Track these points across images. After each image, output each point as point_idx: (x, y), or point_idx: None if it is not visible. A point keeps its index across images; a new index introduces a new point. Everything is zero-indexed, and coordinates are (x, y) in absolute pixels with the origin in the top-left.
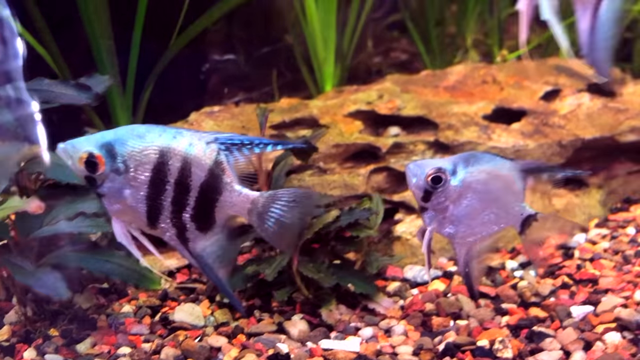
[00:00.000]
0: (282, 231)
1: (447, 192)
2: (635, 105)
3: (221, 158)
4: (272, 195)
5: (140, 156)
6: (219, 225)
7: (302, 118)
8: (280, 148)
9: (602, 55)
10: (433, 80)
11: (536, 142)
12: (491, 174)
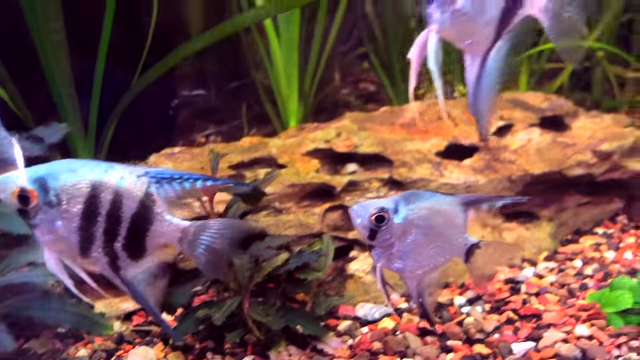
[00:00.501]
0: (212, 259)
1: (391, 230)
2: (583, 140)
3: (152, 190)
4: (203, 225)
5: (73, 190)
6: (151, 254)
7: (261, 158)
8: (210, 184)
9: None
10: (390, 118)
11: (487, 177)
12: (432, 210)
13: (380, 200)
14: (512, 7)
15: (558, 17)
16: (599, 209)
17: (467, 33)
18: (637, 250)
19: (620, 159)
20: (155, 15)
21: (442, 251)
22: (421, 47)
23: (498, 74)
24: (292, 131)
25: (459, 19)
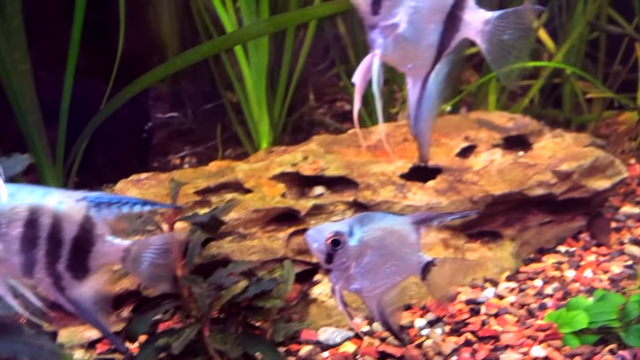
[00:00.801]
0: (156, 274)
1: (347, 253)
2: (544, 160)
3: (91, 213)
4: (144, 242)
5: (11, 214)
6: (95, 273)
7: (227, 182)
8: (148, 209)
9: (425, 128)
10: (357, 140)
11: (449, 199)
12: (385, 230)
13: (335, 223)
14: (450, 30)
15: (494, 39)
16: (562, 226)
17: (408, 57)
18: (597, 268)
19: (579, 178)
20: (122, 36)
21: (397, 270)
22: (365, 70)
23: (438, 95)
24: (262, 154)
25: (401, 44)
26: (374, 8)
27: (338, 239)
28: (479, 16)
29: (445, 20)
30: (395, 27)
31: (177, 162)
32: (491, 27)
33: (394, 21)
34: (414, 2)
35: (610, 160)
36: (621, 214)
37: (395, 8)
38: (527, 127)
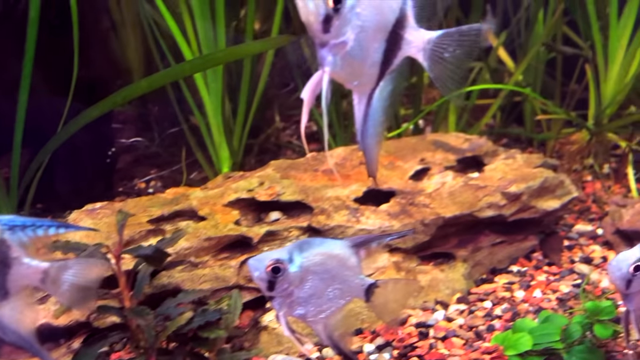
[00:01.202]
0: (77, 296)
1: (288, 279)
2: (494, 181)
3: (5, 237)
4: (63, 264)
5: None
6: (15, 295)
7: (181, 210)
8: (63, 231)
9: (372, 144)
10: (314, 164)
11: (401, 222)
12: (325, 255)
13: (275, 251)
14: (393, 49)
15: (435, 57)
16: (514, 246)
17: (355, 74)
18: (547, 288)
19: (529, 199)
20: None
21: (340, 293)
22: (314, 87)
23: (382, 112)
24: (219, 179)
25: (348, 61)
26: (325, 26)
27: (278, 266)
28: (420, 35)
29: (388, 39)
30: (344, 45)
31: (143, 186)
32: (432, 45)
33: (343, 39)
34: (360, 21)
35: (560, 180)
36: (574, 231)
37: (344, 27)
38: (482, 148)
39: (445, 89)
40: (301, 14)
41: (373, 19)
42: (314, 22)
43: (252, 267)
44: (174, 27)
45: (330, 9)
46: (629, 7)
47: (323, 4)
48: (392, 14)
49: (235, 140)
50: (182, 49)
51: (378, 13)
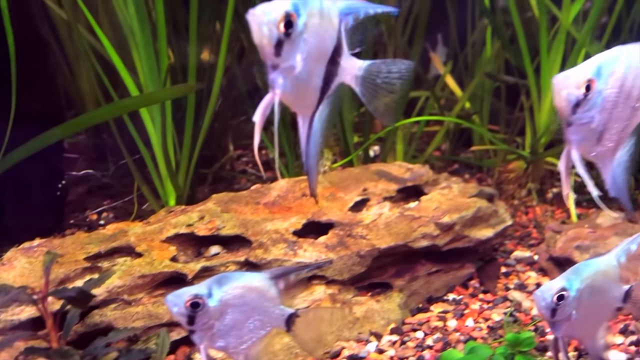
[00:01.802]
0: None
1: (208, 313)
2: (429, 212)
3: None
4: None
5: None
6: None
7: (119, 247)
8: None
9: (313, 164)
10: (256, 197)
11: (338, 254)
12: (244, 288)
13: (194, 287)
14: (331, 74)
15: (367, 84)
16: (450, 275)
17: (300, 97)
18: (479, 316)
19: (462, 229)
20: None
21: (261, 324)
22: (264, 109)
23: (321, 134)
24: (162, 213)
25: (296, 84)
26: (277, 50)
27: (197, 301)
28: (353, 63)
29: (327, 65)
30: (293, 69)
31: (95, 217)
32: (363, 73)
33: (292, 63)
34: (307, 46)
35: (494, 210)
36: (513, 258)
37: (293, 51)
38: (422, 178)
39: (378, 115)
40: (255, 38)
41: (317, 45)
42: (267, 46)
43: (170, 304)
44: (118, 61)
45: (282, 33)
46: (558, 41)
47: (275, 29)
48: (331, 41)
49: (182, 173)
50: (126, 82)
51: (321, 40)
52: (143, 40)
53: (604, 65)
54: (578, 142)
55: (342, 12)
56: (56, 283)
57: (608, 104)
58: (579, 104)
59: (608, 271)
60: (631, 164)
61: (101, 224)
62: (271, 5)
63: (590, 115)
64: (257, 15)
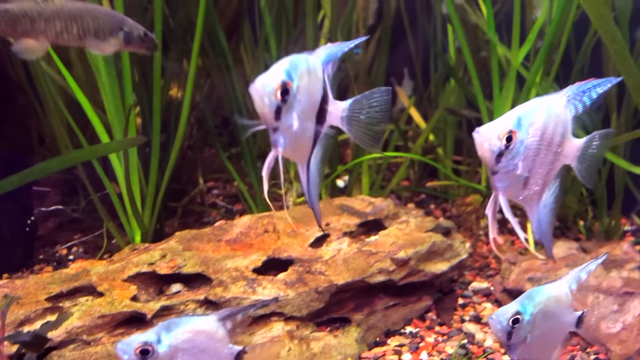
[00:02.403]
0: None
1: (158, 359)
2: (386, 247)
3: None
4: None
5: None
6: None
7: (81, 286)
8: None
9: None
10: (219, 234)
11: (296, 291)
12: (193, 331)
13: (143, 333)
14: (321, 121)
15: (353, 122)
16: (408, 308)
17: (298, 149)
18: (433, 349)
19: (417, 264)
20: None
21: None
22: (269, 165)
23: (318, 173)
24: (126, 251)
25: (294, 140)
26: (276, 115)
27: (146, 348)
28: (337, 106)
29: (317, 114)
30: (291, 127)
31: (64, 252)
32: (348, 112)
33: (290, 124)
34: (300, 106)
35: (449, 244)
36: (471, 289)
37: (290, 113)
38: (383, 212)
39: (366, 146)
40: (257, 107)
41: (309, 101)
42: (268, 114)
43: (120, 352)
44: (84, 101)
45: (280, 101)
46: (509, 79)
47: (274, 98)
48: (319, 93)
49: (148, 209)
50: (92, 121)
51: (311, 95)
52: (109, 80)
53: (524, 116)
54: (504, 189)
55: (324, 63)
56: (16, 324)
57: (531, 152)
58: (502, 154)
59: (560, 297)
60: (556, 206)
61: (71, 258)
62: (268, 77)
63: (514, 163)
64: (257, 88)
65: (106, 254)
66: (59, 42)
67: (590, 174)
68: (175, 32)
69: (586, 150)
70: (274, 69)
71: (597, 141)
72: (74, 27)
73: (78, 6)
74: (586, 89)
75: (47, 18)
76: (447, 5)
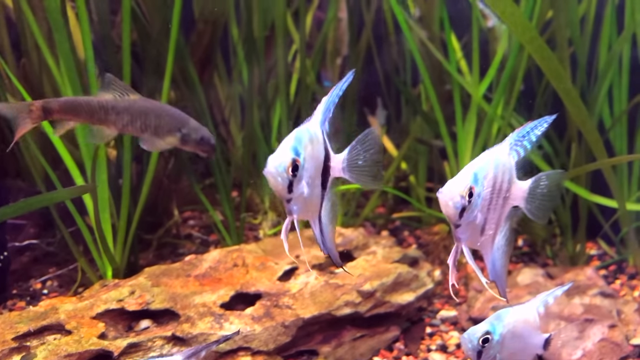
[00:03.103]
0: None
1: None
2: (353, 279)
3: None
4: None
5: None
6: None
7: (49, 325)
8: None
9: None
10: (188, 269)
11: (263, 325)
12: None
13: None
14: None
15: (354, 168)
16: (375, 339)
17: (309, 208)
18: None
19: (383, 295)
20: None
21: None
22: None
23: (330, 222)
24: (96, 287)
25: (306, 203)
26: (289, 189)
27: None
28: (338, 158)
29: (322, 172)
30: (302, 195)
31: (39, 286)
32: (347, 162)
33: (300, 192)
34: (308, 172)
35: (414, 274)
36: (439, 317)
37: (300, 183)
38: (352, 243)
39: (369, 186)
40: (272, 186)
41: (314, 166)
42: (282, 189)
43: None
44: (56, 140)
45: (291, 176)
46: (470, 112)
47: (286, 175)
48: (322, 154)
49: (119, 244)
50: (64, 159)
51: (315, 160)
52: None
53: (479, 170)
54: (466, 239)
55: (322, 124)
56: None
57: (486, 202)
58: (464, 209)
59: (528, 319)
60: (508, 249)
61: (45, 293)
62: (279, 157)
63: (474, 215)
64: (270, 170)
65: (81, 287)
66: (125, 132)
67: (542, 212)
68: (148, 68)
69: (534, 191)
70: (282, 149)
71: (545, 181)
72: (137, 122)
73: (146, 104)
74: (525, 134)
75: (118, 111)
76: (409, 43)
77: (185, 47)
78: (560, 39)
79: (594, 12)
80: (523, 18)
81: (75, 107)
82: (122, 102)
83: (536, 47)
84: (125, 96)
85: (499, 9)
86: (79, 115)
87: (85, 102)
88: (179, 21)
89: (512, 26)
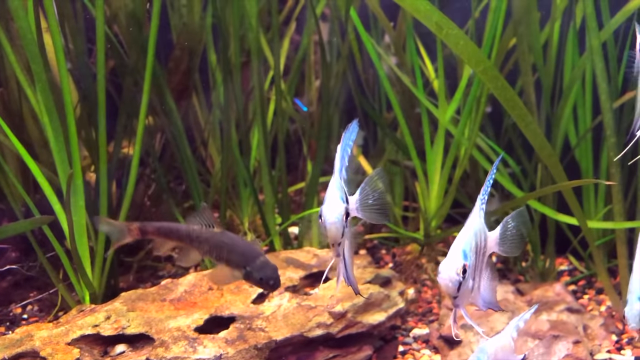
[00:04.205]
0: None
1: None
2: (325, 300)
3: None
4: None
5: None
6: None
7: (24, 352)
8: None
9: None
10: (163, 293)
11: (236, 348)
12: None
13: None
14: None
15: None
16: (348, 359)
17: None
18: None
19: (355, 316)
20: None
21: None
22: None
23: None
24: (73, 312)
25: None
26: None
27: None
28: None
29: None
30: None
31: (19, 311)
32: (359, 203)
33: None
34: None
35: (385, 294)
36: (412, 335)
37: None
38: (326, 264)
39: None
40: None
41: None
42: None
43: None
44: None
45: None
46: (438, 137)
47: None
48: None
49: (97, 268)
50: (42, 185)
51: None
52: (57, 146)
53: (465, 246)
54: (463, 304)
55: (340, 174)
56: None
57: (473, 267)
58: (460, 283)
59: (506, 346)
60: (494, 282)
61: (24, 317)
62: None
63: (468, 285)
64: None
65: (61, 312)
66: (205, 257)
67: (515, 249)
68: (126, 96)
69: (504, 235)
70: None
71: (512, 223)
72: (214, 253)
73: (222, 238)
74: (485, 190)
75: (200, 241)
76: (378, 69)
77: (162, 75)
78: (524, 65)
79: (557, 37)
80: (476, 50)
81: (166, 232)
82: (205, 233)
83: (490, 77)
84: (210, 227)
85: (451, 43)
86: (169, 238)
87: (175, 228)
88: (154, 51)
89: (465, 58)
